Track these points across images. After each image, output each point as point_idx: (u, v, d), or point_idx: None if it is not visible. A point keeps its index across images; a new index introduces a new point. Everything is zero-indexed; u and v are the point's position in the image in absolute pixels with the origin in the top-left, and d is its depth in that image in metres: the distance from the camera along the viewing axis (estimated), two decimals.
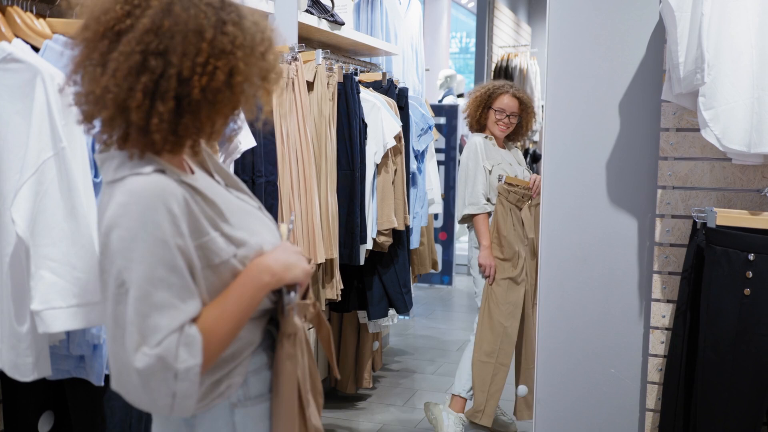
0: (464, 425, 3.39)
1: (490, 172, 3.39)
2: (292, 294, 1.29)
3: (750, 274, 2.05)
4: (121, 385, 1.14)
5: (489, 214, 3.37)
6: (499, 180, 3.34)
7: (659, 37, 2.37)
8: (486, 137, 3.48)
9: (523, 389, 3.40)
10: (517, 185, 3.35)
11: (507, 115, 3.42)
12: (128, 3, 1.17)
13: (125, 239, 1.11)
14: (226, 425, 1.27)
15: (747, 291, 2.06)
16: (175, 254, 1.13)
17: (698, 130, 2.13)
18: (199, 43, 1.15)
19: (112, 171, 1.19)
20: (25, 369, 1.74)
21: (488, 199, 3.38)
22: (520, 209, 3.33)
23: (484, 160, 3.40)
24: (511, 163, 3.48)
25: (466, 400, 3.43)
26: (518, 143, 3.65)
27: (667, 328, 2.36)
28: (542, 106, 8.33)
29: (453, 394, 3.45)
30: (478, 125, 3.52)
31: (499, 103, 3.43)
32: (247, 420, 1.29)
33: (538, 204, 3.21)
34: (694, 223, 2.20)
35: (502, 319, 3.32)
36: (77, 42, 1.21)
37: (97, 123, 1.21)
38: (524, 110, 3.49)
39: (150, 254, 1.11)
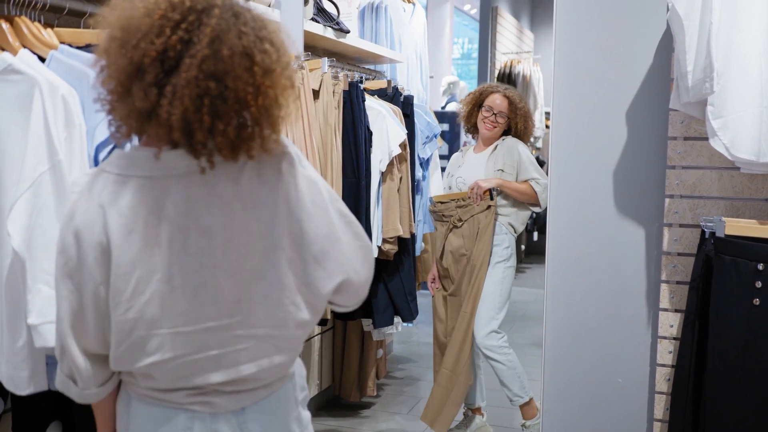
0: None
1: (450, 187, 3.49)
2: None
3: (759, 284, 2.04)
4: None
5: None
6: (430, 201, 3.45)
7: (667, 45, 2.36)
8: (461, 149, 3.60)
9: None
10: (449, 200, 3.36)
11: (494, 114, 3.42)
12: (180, 29, 1.21)
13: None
14: None
15: (756, 301, 2.05)
16: None
17: (706, 138, 2.12)
18: (250, 66, 1.24)
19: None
20: (21, 382, 1.74)
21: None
22: (457, 225, 3.32)
23: (447, 176, 3.54)
24: (474, 166, 3.43)
25: (531, 399, 3.33)
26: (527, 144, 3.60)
27: (675, 338, 2.35)
28: (546, 113, 8.30)
29: (520, 406, 3.35)
30: (469, 123, 3.56)
31: (489, 102, 3.45)
32: None
33: (486, 209, 3.23)
34: (703, 232, 2.19)
35: (439, 333, 3.45)
36: (115, 58, 1.22)
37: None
38: (514, 111, 3.43)
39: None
